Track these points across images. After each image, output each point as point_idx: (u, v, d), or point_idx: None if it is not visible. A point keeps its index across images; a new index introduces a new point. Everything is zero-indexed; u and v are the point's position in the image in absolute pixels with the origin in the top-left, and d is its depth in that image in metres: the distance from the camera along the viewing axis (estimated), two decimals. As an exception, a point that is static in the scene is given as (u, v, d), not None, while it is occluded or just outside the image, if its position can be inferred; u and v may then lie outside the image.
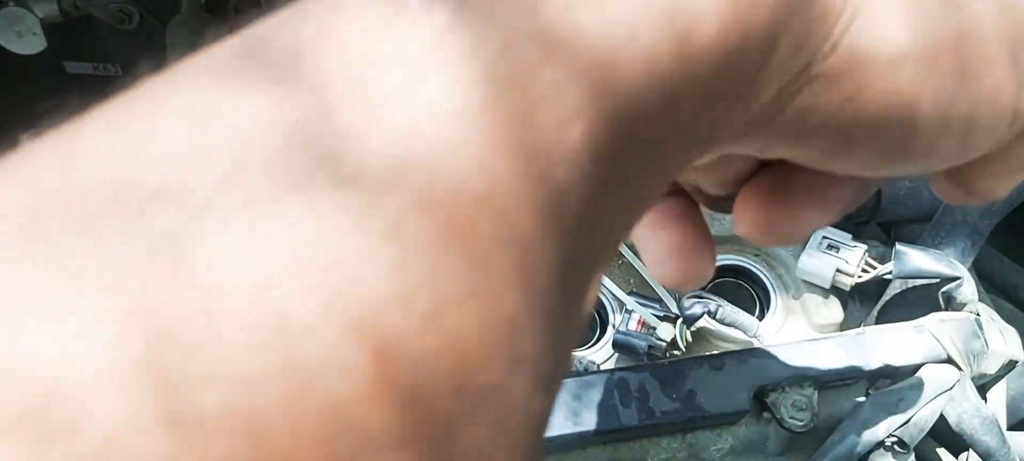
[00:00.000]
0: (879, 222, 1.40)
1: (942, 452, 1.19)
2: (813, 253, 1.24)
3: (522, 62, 0.25)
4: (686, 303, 1.19)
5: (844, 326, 1.28)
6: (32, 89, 1.98)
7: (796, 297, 1.29)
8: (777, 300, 1.29)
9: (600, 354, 1.24)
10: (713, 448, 1.20)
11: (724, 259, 1.32)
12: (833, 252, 1.24)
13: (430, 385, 0.22)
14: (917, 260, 1.17)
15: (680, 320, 1.19)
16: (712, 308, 1.18)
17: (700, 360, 1.15)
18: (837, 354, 1.14)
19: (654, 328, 1.18)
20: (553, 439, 1.11)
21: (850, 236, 1.26)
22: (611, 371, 1.16)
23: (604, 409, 1.11)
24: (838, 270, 1.23)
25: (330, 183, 0.21)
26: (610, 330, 1.27)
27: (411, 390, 0.21)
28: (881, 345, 1.14)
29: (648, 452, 1.19)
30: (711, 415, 1.11)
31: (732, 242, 1.34)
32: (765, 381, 1.13)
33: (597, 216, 0.29)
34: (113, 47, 1.89)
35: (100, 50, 1.89)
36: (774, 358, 1.14)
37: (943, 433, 1.15)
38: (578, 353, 1.22)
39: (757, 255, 1.33)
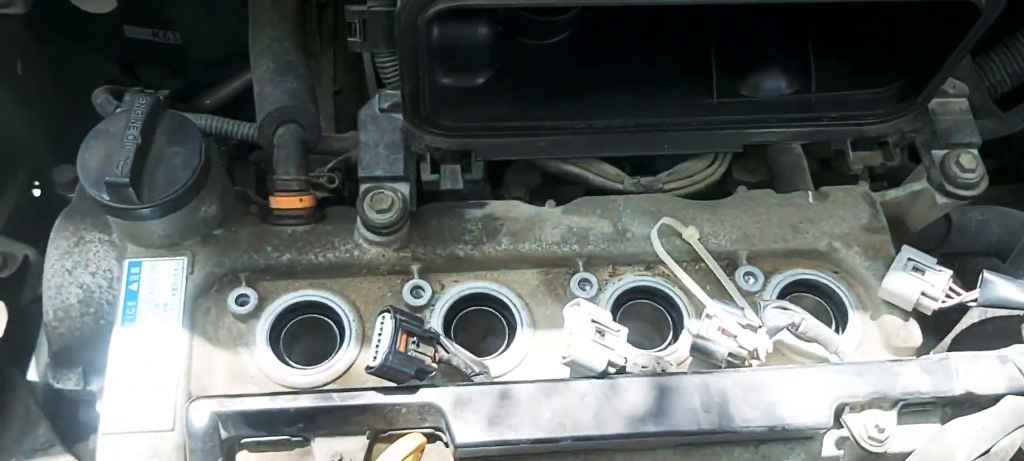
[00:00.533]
0: (945, 253, 1.39)
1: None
2: (898, 274, 1.24)
3: None
4: (770, 313, 1.19)
5: (919, 352, 1.28)
6: (92, 51, 2.00)
7: (874, 318, 1.29)
8: (855, 319, 1.29)
9: (675, 357, 1.24)
10: (783, 462, 1.20)
11: (803, 274, 1.32)
12: (918, 274, 1.24)
13: None
14: (1004, 290, 1.17)
15: (762, 329, 1.19)
16: (796, 320, 1.18)
17: (783, 371, 1.15)
18: (920, 377, 1.14)
19: (735, 336, 1.18)
20: (629, 437, 1.12)
21: (936, 260, 1.26)
22: (694, 373, 1.16)
23: (685, 412, 1.12)
24: (923, 293, 1.23)
25: None
26: (685, 334, 1.27)
27: None
28: (965, 372, 1.14)
29: (718, 459, 1.19)
30: (791, 428, 1.12)
31: (810, 257, 1.34)
32: (846, 398, 1.13)
33: None
34: (175, 16, 1.90)
35: (161, 17, 1.90)
36: (856, 376, 1.14)
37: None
38: (653, 353, 1.22)
39: (836, 273, 1.33)
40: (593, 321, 1.16)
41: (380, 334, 1.12)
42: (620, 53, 1.41)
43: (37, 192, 1.93)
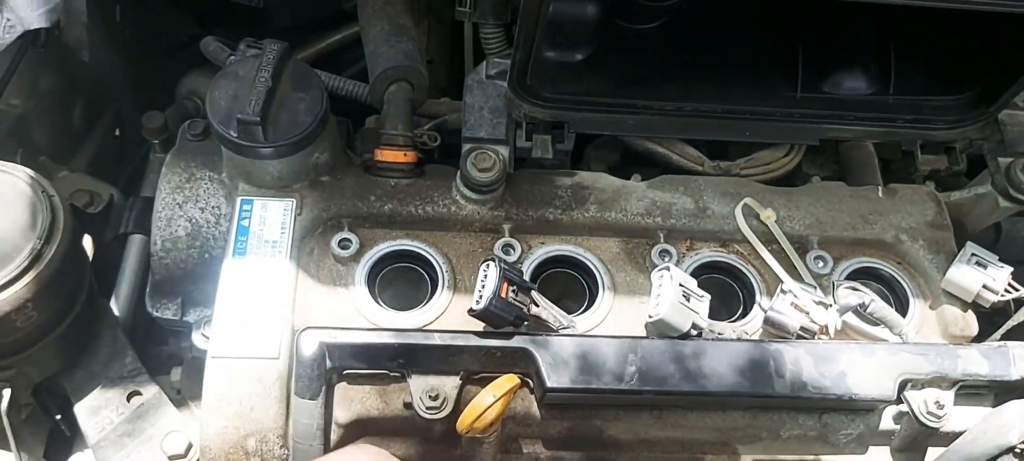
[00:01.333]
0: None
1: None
2: (962, 267, 1.33)
3: None
4: (841, 292, 1.27)
5: (975, 342, 1.36)
6: (176, 8, 2.08)
7: (933, 307, 1.38)
8: (915, 307, 1.37)
9: (750, 327, 1.32)
10: (842, 433, 1.29)
11: (869, 262, 1.41)
12: (981, 269, 1.32)
13: None
14: (1063, 288, 1.25)
15: (834, 307, 1.27)
16: (866, 300, 1.26)
17: (852, 345, 1.24)
18: (980, 361, 1.22)
19: (808, 311, 1.27)
20: (705, 395, 1.20)
21: (997, 257, 1.34)
22: (769, 341, 1.25)
23: (761, 376, 1.20)
24: (984, 286, 1.31)
25: None
26: (756, 308, 1.35)
27: None
28: (1021, 359, 1.22)
29: (784, 425, 1.28)
30: (858, 398, 1.20)
31: (876, 247, 1.43)
32: (909, 375, 1.21)
33: None
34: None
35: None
36: (920, 355, 1.23)
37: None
38: (729, 324, 1.30)
39: (899, 263, 1.42)
40: (681, 285, 1.24)
41: (485, 280, 1.20)
42: (712, 42, 1.49)
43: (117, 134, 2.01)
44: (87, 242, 1.72)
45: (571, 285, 1.41)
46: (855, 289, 1.28)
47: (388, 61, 1.45)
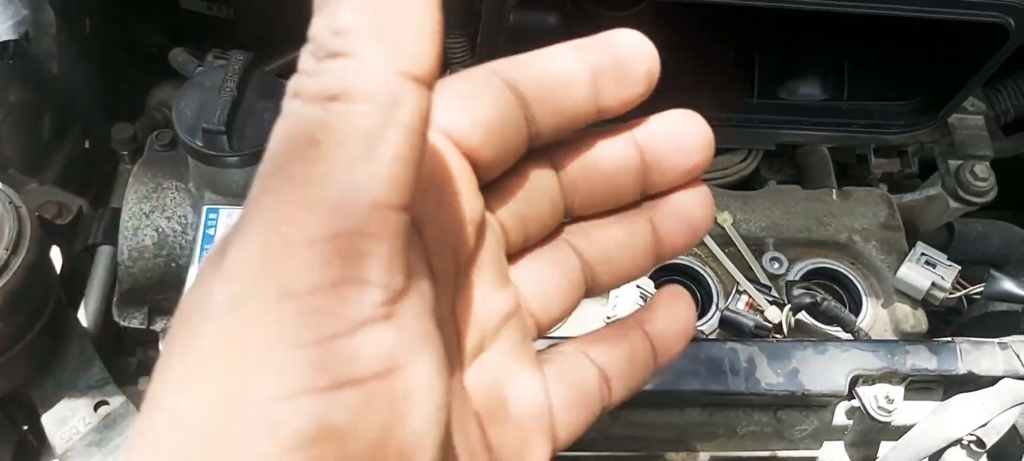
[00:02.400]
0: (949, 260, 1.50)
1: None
2: (912, 266, 1.36)
3: None
4: (795, 292, 1.31)
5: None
6: (146, 19, 2.09)
7: (886, 306, 1.41)
8: (868, 305, 1.41)
9: (707, 327, 1.35)
10: (797, 429, 1.32)
11: (823, 263, 1.44)
12: (930, 268, 1.36)
13: None
14: (1008, 285, 1.29)
15: (788, 306, 1.31)
16: (818, 299, 1.30)
17: (805, 343, 1.27)
18: (928, 356, 1.26)
19: (762, 310, 1.30)
20: (660, 394, 1.23)
21: (945, 256, 1.38)
22: (723, 340, 1.28)
23: (715, 374, 1.23)
24: (934, 284, 1.35)
25: None
26: (714, 308, 1.38)
27: None
28: (968, 354, 1.25)
29: (740, 422, 1.31)
30: (810, 394, 1.23)
31: (831, 248, 1.46)
32: (861, 371, 1.25)
33: None
34: (230, -11, 1.99)
35: (217, -9, 1.99)
36: (870, 351, 1.26)
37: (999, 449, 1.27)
38: (687, 324, 1.33)
39: (853, 264, 1.45)
40: (638, 286, 1.27)
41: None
42: (671, 49, 1.51)
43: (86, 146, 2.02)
44: (56, 253, 1.73)
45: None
46: (808, 289, 1.31)
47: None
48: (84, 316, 1.61)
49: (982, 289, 1.32)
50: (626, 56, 0.53)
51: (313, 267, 0.37)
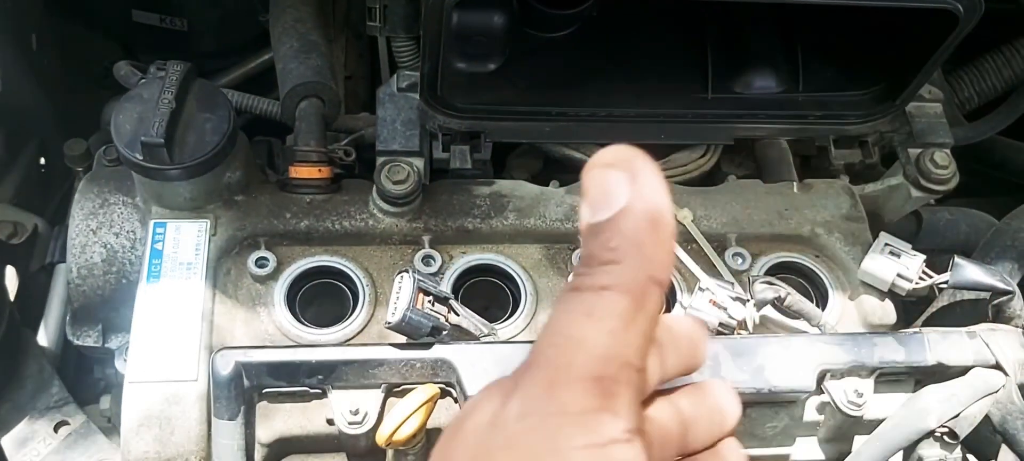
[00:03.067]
0: (916, 248, 1.49)
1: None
2: (876, 257, 1.34)
3: None
4: (758, 287, 1.28)
5: (894, 330, 1.37)
6: (98, 33, 2.06)
7: (852, 298, 1.39)
8: (834, 299, 1.38)
9: (670, 327, 1.33)
10: (768, 425, 1.29)
11: (787, 257, 1.42)
12: (894, 258, 1.34)
13: None
14: (973, 273, 1.27)
15: (751, 302, 1.28)
16: (782, 294, 1.27)
17: (770, 339, 1.24)
18: (896, 348, 1.23)
19: (726, 308, 1.28)
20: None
21: (910, 245, 1.36)
22: (686, 340, 1.25)
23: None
24: (899, 274, 1.33)
25: None
26: (677, 307, 1.36)
27: None
28: (937, 345, 1.23)
29: (708, 422, 1.28)
30: (777, 390, 1.21)
31: (794, 242, 1.44)
32: (828, 365, 1.22)
33: None
34: (184, 2, 1.96)
35: (170, 3, 1.96)
36: (838, 345, 1.24)
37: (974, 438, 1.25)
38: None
39: (817, 256, 1.43)
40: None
41: (399, 292, 1.19)
42: (623, 47, 1.50)
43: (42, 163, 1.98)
44: (11, 273, 1.69)
45: (495, 293, 1.40)
46: (772, 284, 1.28)
47: (297, 77, 1.44)
48: (44, 336, 1.58)
49: (948, 278, 1.29)
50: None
51: (583, 396, 0.57)
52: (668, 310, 1.36)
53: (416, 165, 1.38)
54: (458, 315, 1.24)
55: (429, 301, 1.20)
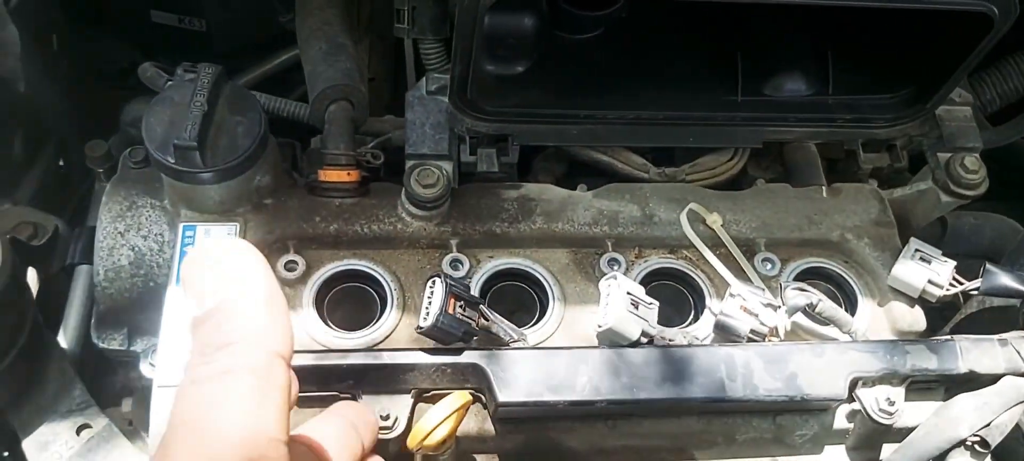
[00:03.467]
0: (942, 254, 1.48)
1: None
2: (907, 263, 1.34)
3: None
4: (789, 293, 1.28)
5: (923, 337, 1.37)
6: (117, 34, 2.06)
7: (882, 304, 1.38)
8: (864, 305, 1.38)
9: (700, 332, 1.32)
10: (797, 433, 1.29)
11: (816, 262, 1.41)
12: (925, 264, 1.33)
13: None
14: (1005, 279, 1.26)
15: (782, 308, 1.28)
16: (813, 301, 1.27)
17: (802, 346, 1.24)
18: (928, 356, 1.23)
19: (757, 314, 1.27)
20: (656, 402, 1.20)
21: (941, 252, 1.35)
22: (719, 345, 1.25)
23: (712, 380, 1.20)
24: (929, 281, 1.32)
25: None
26: (706, 312, 1.35)
27: None
28: (968, 353, 1.23)
29: (738, 429, 1.28)
30: (810, 398, 1.20)
31: (823, 247, 1.44)
32: (860, 373, 1.22)
33: None
34: (203, 2, 1.96)
35: (189, 3, 1.96)
36: (870, 352, 1.24)
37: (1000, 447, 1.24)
38: (679, 329, 1.30)
39: (846, 262, 1.43)
40: (628, 293, 1.24)
41: (431, 296, 1.19)
42: (652, 50, 1.50)
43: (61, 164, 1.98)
44: (32, 275, 1.69)
45: (522, 298, 1.40)
46: (803, 290, 1.28)
47: (326, 80, 1.44)
48: (64, 338, 1.58)
49: (979, 285, 1.29)
50: None
51: None
52: (698, 316, 1.36)
53: (445, 169, 1.38)
54: (488, 320, 1.24)
55: (461, 306, 1.20)
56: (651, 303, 1.26)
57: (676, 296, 1.40)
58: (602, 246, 1.41)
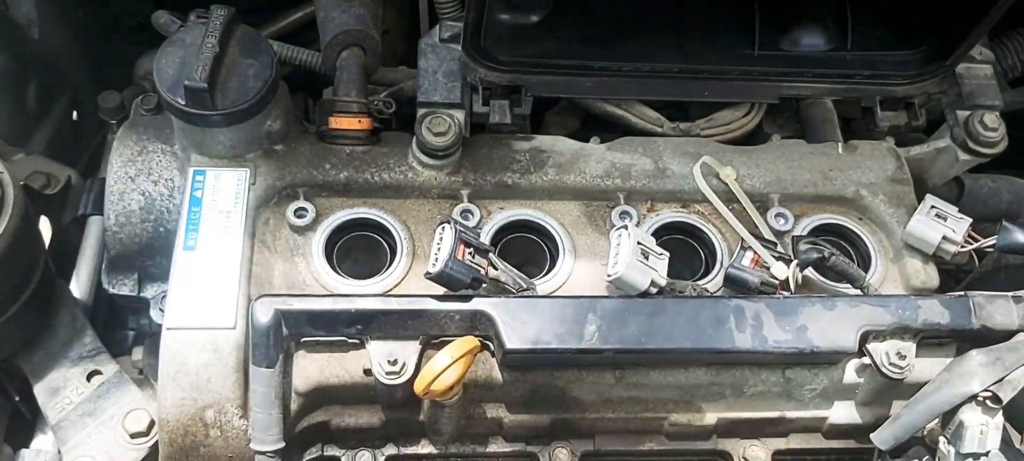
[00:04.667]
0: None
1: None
2: (922, 219, 1.32)
3: None
4: (801, 247, 1.27)
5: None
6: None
7: (895, 261, 1.37)
8: (877, 261, 1.36)
9: (710, 286, 1.31)
10: (806, 387, 1.28)
11: (830, 219, 1.40)
12: (941, 221, 1.32)
13: None
14: (1022, 236, 1.24)
15: (794, 262, 1.26)
16: (826, 254, 1.26)
17: (813, 299, 1.23)
18: (941, 311, 1.22)
19: (768, 267, 1.26)
20: (663, 353, 1.20)
21: (956, 208, 1.34)
22: (729, 297, 1.24)
23: (721, 331, 1.19)
24: (945, 237, 1.31)
25: None
26: (718, 266, 1.34)
27: None
28: (982, 309, 1.22)
29: (747, 381, 1.27)
30: (819, 351, 1.19)
31: (837, 203, 1.42)
32: (871, 327, 1.21)
33: None
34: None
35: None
36: (881, 306, 1.22)
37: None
38: (689, 282, 1.29)
39: (860, 219, 1.41)
40: (639, 243, 1.23)
41: (440, 242, 1.19)
42: (669, 1, 1.48)
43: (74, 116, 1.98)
44: (45, 224, 1.69)
45: (532, 250, 1.39)
46: (816, 244, 1.27)
47: (339, 26, 1.43)
48: (76, 288, 1.58)
49: (994, 242, 1.27)
50: None
51: None
52: (709, 270, 1.35)
53: (457, 117, 1.37)
54: (497, 269, 1.23)
55: (470, 253, 1.19)
56: (661, 254, 1.25)
57: (688, 250, 1.39)
58: (614, 199, 1.39)
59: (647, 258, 1.23)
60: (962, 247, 1.31)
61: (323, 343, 1.23)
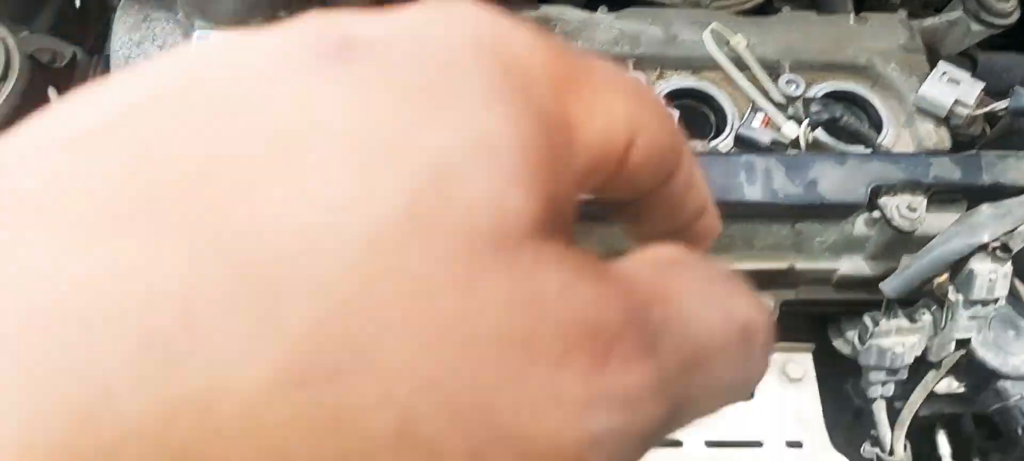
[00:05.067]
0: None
1: None
2: (935, 82, 1.31)
3: None
4: (813, 107, 1.26)
5: (947, 162, 1.34)
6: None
7: (907, 126, 1.36)
8: (889, 126, 1.35)
9: (722, 147, 1.30)
10: (817, 240, 1.28)
11: (842, 85, 1.39)
12: (954, 84, 1.31)
13: None
14: (1035, 97, 1.23)
15: (805, 122, 1.26)
16: (837, 114, 1.25)
17: (824, 155, 1.22)
18: (951, 168, 1.21)
19: (780, 127, 1.25)
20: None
21: (969, 73, 1.32)
22: (739, 153, 1.23)
23: (730, 184, 1.18)
24: (957, 100, 1.29)
25: None
26: (728, 129, 1.33)
27: None
28: (993, 166, 1.21)
29: (757, 234, 1.27)
30: (829, 204, 1.19)
31: (849, 71, 1.41)
32: (882, 182, 1.20)
33: None
34: None
35: None
36: (892, 163, 1.21)
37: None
38: (701, 143, 1.29)
39: (872, 87, 1.40)
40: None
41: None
42: None
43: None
44: (53, 95, 1.68)
45: (540, 121, 1.38)
46: (826, 105, 1.26)
47: None
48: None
49: (1007, 104, 1.26)
50: None
51: None
52: (718, 133, 1.34)
53: (463, -17, 1.35)
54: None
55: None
56: (672, 112, 1.24)
57: (698, 116, 1.38)
58: (623, 66, 1.38)
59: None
60: (975, 110, 1.29)
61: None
